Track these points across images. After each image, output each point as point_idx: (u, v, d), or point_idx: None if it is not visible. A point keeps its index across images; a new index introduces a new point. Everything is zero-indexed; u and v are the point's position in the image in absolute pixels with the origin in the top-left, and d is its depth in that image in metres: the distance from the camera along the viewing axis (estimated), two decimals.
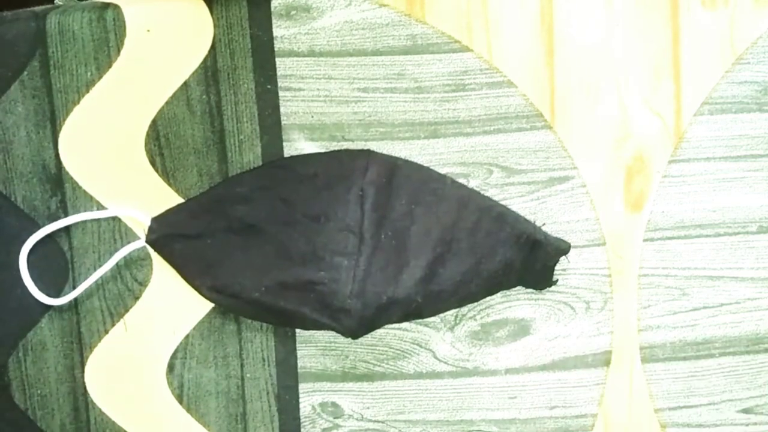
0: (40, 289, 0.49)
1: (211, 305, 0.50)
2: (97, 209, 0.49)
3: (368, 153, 0.48)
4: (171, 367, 0.50)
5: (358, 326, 0.47)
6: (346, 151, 0.48)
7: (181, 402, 0.51)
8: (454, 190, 0.48)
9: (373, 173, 0.47)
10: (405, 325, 0.50)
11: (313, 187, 0.47)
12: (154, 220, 0.48)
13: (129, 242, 0.49)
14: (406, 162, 0.48)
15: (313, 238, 0.47)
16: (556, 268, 0.49)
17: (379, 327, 0.48)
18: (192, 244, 0.48)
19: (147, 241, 0.48)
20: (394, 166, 0.48)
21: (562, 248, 0.48)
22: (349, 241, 0.47)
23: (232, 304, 0.49)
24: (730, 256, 0.49)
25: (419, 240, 0.47)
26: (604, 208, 0.49)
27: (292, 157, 0.48)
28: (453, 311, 0.49)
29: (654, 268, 0.49)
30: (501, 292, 0.49)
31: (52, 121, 0.48)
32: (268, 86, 0.48)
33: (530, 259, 0.48)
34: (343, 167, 0.47)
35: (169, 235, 0.48)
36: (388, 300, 0.47)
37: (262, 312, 0.48)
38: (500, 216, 0.48)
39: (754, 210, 0.49)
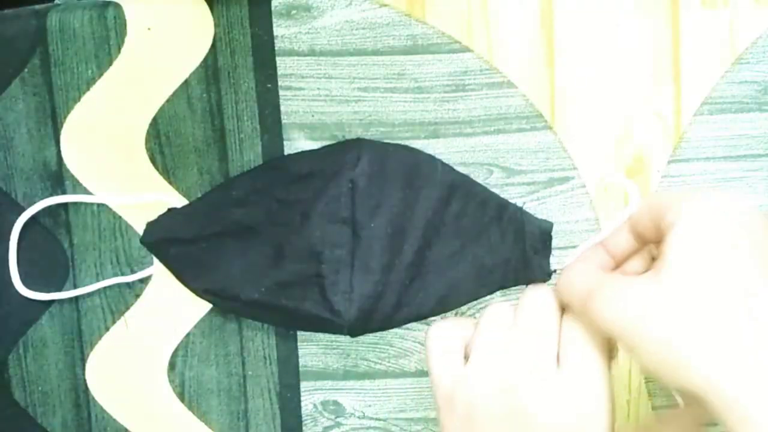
0: (41, 286, 0.49)
1: None
2: (98, 207, 0.49)
3: (360, 143, 0.48)
4: (172, 365, 0.51)
5: (356, 319, 0.47)
6: (338, 144, 0.48)
7: (182, 400, 0.51)
8: (444, 175, 0.48)
9: (365, 163, 0.47)
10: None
11: (307, 186, 0.47)
12: (149, 224, 0.48)
13: (129, 239, 0.49)
14: (398, 146, 0.48)
15: (310, 234, 0.47)
16: (552, 264, 0.48)
17: (377, 322, 0.48)
18: (188, 248, 0.48)
19: (142, 244, 0.48)
20: (386, 153, 0.48)
21: (544, 227, 0.48)
22: (344, 232, 0.47)
23: (230, 306, 0.49)
24: None
25: (411, 225, 0.47)
26: (604, 209, 0.49)
27: (286, 157, 0.48)
28: (453, 311, 0.49)
29: None
30: (500, 291, 0.49)
31: (53, 118, 0.48)
32: (269, 85, 0.48)
33: (517, 242, 0.47)
34: (335, 161, 0.47)
35: (164, 240, 0.48)
36: (384, 287, 0.47)
37: (261, 312, 0.48)
38: (485, 200, 0.48)
39: None
